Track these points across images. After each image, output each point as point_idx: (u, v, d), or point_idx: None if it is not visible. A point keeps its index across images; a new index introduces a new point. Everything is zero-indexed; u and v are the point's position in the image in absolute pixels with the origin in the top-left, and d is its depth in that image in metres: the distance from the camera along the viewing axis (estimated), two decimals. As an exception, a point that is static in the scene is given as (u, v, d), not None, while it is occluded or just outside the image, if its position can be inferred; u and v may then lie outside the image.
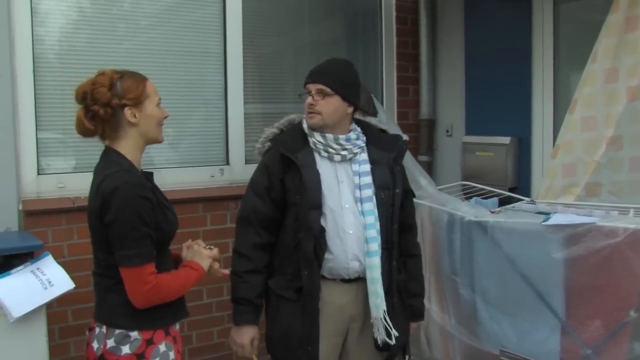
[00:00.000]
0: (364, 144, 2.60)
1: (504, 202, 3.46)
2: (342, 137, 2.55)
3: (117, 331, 2.10)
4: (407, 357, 2.76)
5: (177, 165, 3.69)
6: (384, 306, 2.50)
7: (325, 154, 2.54)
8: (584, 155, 3.15)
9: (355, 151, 2.56)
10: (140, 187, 2.06)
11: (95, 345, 2.15)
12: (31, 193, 3.22)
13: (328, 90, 2.51)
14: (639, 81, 2.97)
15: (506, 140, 3.96)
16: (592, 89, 3.12)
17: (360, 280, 2.54)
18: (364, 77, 4.13)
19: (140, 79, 2.18)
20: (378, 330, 2.53)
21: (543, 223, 2.75)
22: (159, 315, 2.14)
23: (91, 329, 2.21)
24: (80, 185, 3.31)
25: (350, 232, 2.49)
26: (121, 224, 2.01)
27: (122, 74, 2.17)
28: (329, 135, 2.53)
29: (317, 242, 2.45)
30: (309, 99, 2.53)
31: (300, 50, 4.24)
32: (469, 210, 3.13)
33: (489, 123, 4.13)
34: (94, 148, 3.34)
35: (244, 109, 3.85)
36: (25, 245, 2.94)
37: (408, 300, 2.71)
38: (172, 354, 2.19)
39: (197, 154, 3.76)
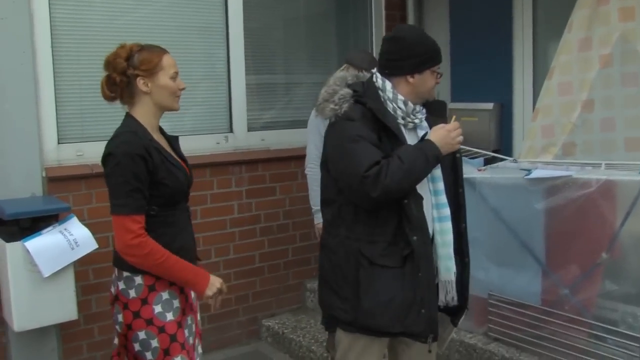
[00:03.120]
0: (425, 113, 2.54)
1: (488, 162, 3.76)
2: (417, 107, 2.47)
3: (125, 274, 2.28)
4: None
5: (185, 134, 3.90)
6: (454, 268, 2.49)
7: (402, 121, 2.44)
8: (561, 117, 3.46)
9: (422, 118, 2.50)
10: (136, 146, 2.21)
11: (112, 288, 2.36)
12: (53, 161, 3.46)
13: None
14: (611, 49, 3.27)
15: (489, 106, 4.26)
16: (567, 57, 3.41)
17: None
18: (354, 48, 4.42)
19: (157, 53, 2.34)
20: (446, 291, 2.50)
21: (525, 177, 3.07)
22: None
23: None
24: (98, 153, 3.53)
25: (424, 199, 2.40)
26: (115, 176, 2.21)
27: (143, 47, 2.34)
28: (410, 104, 2.42)
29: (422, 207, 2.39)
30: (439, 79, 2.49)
31: (294, 23, 4.48)
32: (459, 169, 3.43)
33: (473, 91, 4.42)
34: (110, 117, 3.62)
35: (245, 80, 4.09)
36: (53, 208, 3.20)
37: None
38: (176, 302, 2.33)
39: (203, 122, 4.00)
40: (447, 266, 2.48)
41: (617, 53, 3.28)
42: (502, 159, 3.69)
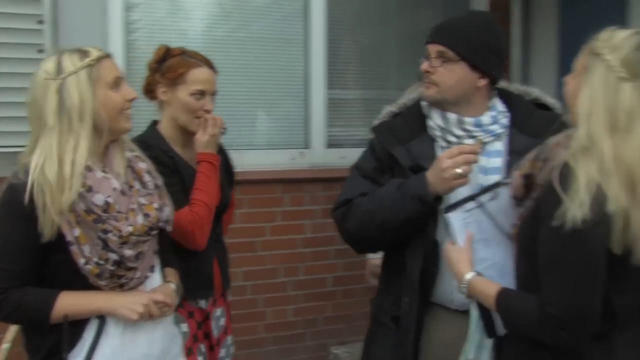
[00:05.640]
0: (502, 130, 1.92)
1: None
2: (469, 119, 1.89)
3: None
4: None
5: (258, 147, 3.79)
6: (470, 356, 1.80)
7: (445, 143, 1.91)
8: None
9: (487, 140, 1.91)
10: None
11: None
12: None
13: (451, 54, 1.88)
14: None
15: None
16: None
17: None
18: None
19: (188, 63, 2.18)
20: None
21: None
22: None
23: None
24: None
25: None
26: None
27: (182, 53, 2.23)
28: (451, 116, 1.90)
29: (427, 260, 1.86)
30: (425, 64, 1.91)
31: (388, 39, 4.19)
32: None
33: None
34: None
35: (327, 94, 3.87)
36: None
37: None
38: (184, 327, 2.16)
39: (277, 136, 3.85)
40: (464, 349, 1.81)
41: None
42: None
